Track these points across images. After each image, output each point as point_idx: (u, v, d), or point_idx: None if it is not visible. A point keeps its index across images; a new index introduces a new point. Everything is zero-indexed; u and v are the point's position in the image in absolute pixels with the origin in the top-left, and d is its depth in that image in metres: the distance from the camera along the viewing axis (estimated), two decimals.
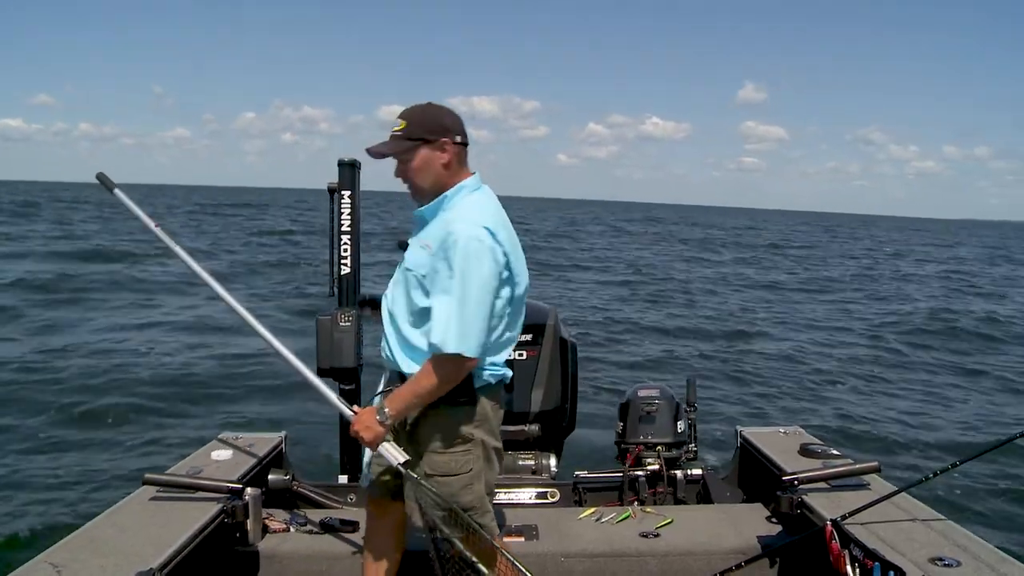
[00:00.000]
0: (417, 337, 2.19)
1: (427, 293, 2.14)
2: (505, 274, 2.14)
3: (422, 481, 2.16)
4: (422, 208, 2.26)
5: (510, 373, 2.33)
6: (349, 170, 3.64)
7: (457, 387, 2.14)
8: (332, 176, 3.60)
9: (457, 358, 2.06)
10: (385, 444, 2.19)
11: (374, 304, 2.53)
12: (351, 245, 3.58)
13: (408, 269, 2.19)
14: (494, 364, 2.24)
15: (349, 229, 3.58)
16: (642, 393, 3.74)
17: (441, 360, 2.08)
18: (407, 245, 2.26)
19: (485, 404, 2.24)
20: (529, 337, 3.59)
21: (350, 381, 3.67)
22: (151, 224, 2.52)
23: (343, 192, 3.62)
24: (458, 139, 2.22)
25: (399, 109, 2.27)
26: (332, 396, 2.35)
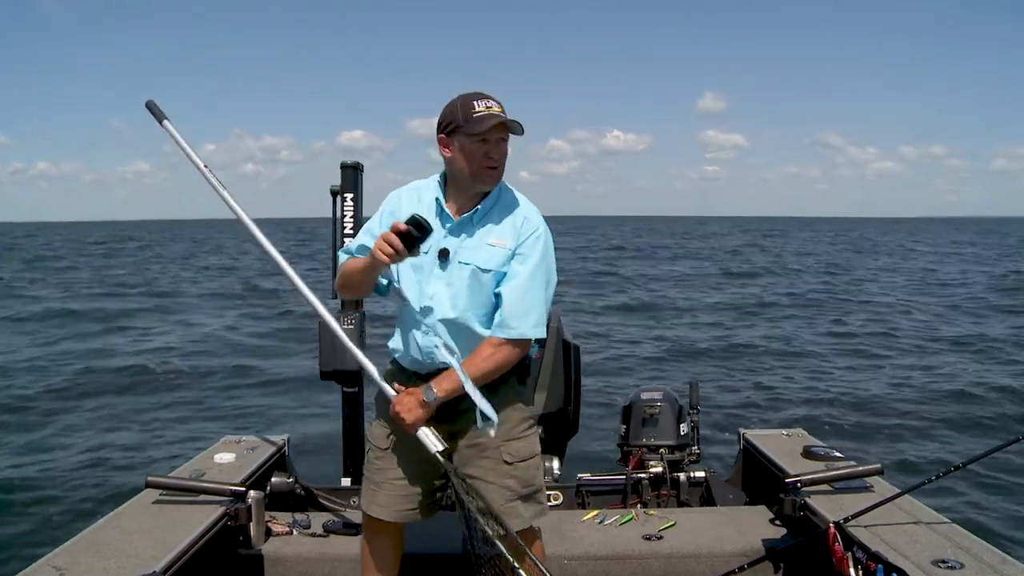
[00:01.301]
0: (486, 334, 2.17)
1: (498, 284, 2.16)
2: None
3: (459, 472, 2.11)
4: (473, 212, 2.16)
5: None
6: (352, 172, 3.65)
7: (520, 366, 2.23)
8: (293, 205, 3.58)
9: (528, 341, 2.16)
10: (424, 429, 2.11)
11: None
12: None
13: (487, 270, 2.14)
14: None
15: (352, 231, 3.58)
16: (645, 396, 3.74)
17: (515, 343, 2.14)
18: (448, 252, 2.15)
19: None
20: None
21: (353, 384, 3.66)
22: (200, 163, 2.47)
23: (345, 194, 3.63)
24: None
25: (360, 134, 2.25)
26: (374, 371, 2.25)
